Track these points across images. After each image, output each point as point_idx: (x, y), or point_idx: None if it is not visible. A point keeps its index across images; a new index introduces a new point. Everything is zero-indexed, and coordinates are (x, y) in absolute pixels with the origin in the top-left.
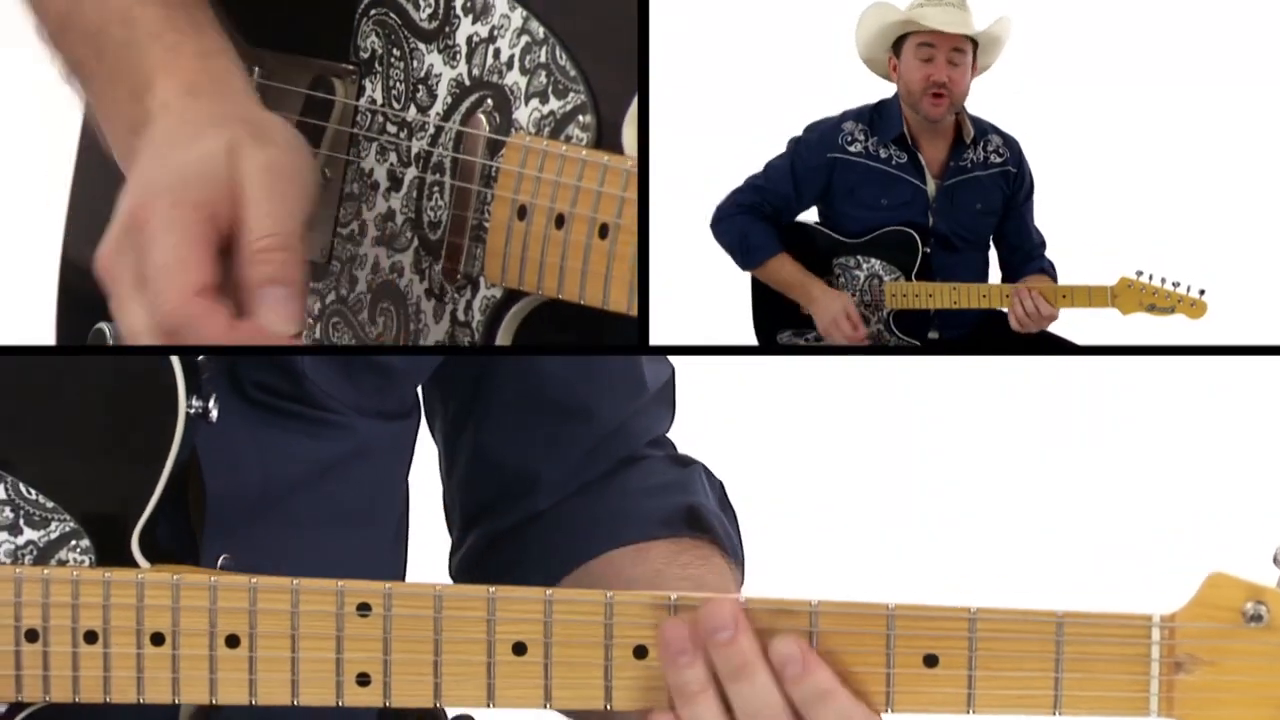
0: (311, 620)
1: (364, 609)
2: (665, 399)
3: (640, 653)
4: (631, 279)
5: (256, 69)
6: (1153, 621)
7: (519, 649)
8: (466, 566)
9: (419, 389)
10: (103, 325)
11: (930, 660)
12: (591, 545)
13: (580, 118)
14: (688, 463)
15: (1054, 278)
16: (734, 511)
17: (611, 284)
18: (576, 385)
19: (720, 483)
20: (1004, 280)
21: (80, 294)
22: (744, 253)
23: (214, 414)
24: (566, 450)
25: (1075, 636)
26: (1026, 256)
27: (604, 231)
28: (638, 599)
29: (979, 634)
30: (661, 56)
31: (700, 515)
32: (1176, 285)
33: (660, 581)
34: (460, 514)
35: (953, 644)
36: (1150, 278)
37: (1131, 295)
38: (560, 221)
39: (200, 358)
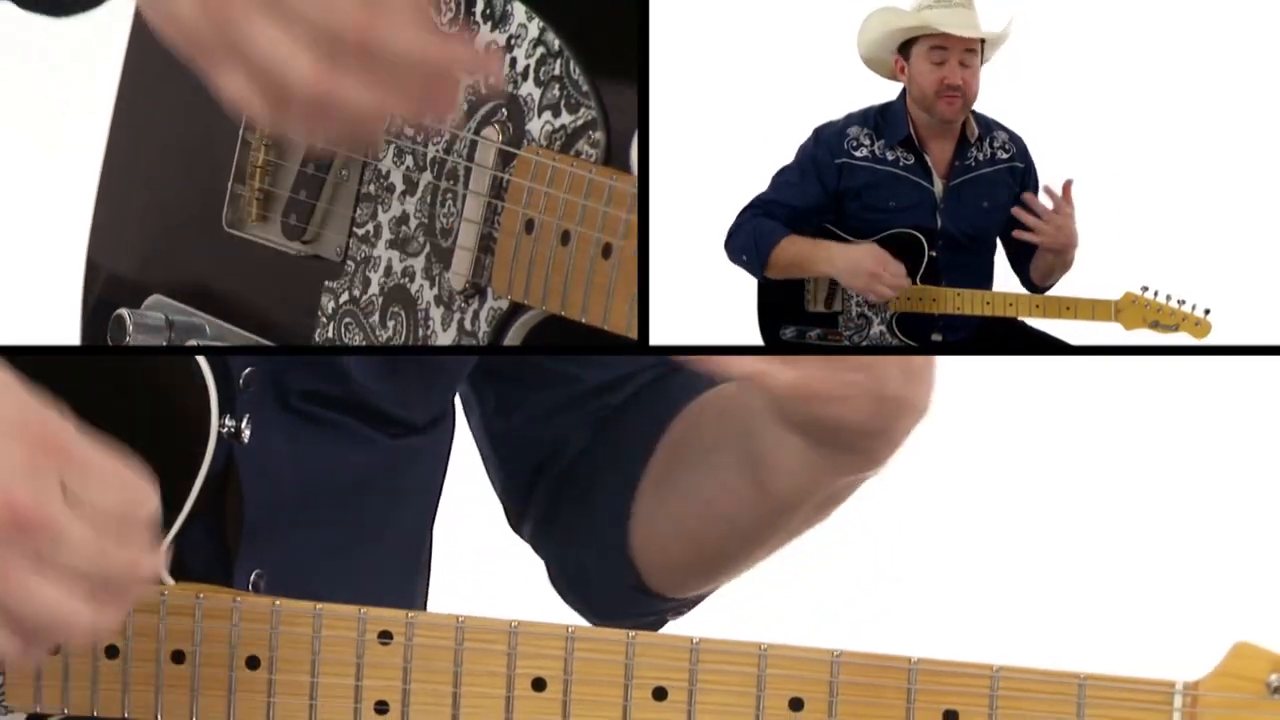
0: (332, 646)
1: (385, 637)
2: None
3: (660, 694)
4: (632, 299)
5: None
6: (1175, 689)
7: (538, 684)
8: (550, 495)
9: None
10: (123, 311)
11: (950, 716)
12: (676, 404)
13: (590, 134)
14: None
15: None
16: None
17: (613, 303)
18: None
19: None
20: (1017, 269)
21: (104, 294)
22: (755, 249)
23: (246, 434)
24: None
25: (1096, 700)
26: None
27: (607, 251)
28: (660, 640)
29: (1000, 692)
30: (664, 56)
31: None
32: (1182, 303)
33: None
34: (527, 466)
35: (974, 701)
36: (1155, 294)
37: (1135, 311)
38: (566, 238)
39: (248, 370)
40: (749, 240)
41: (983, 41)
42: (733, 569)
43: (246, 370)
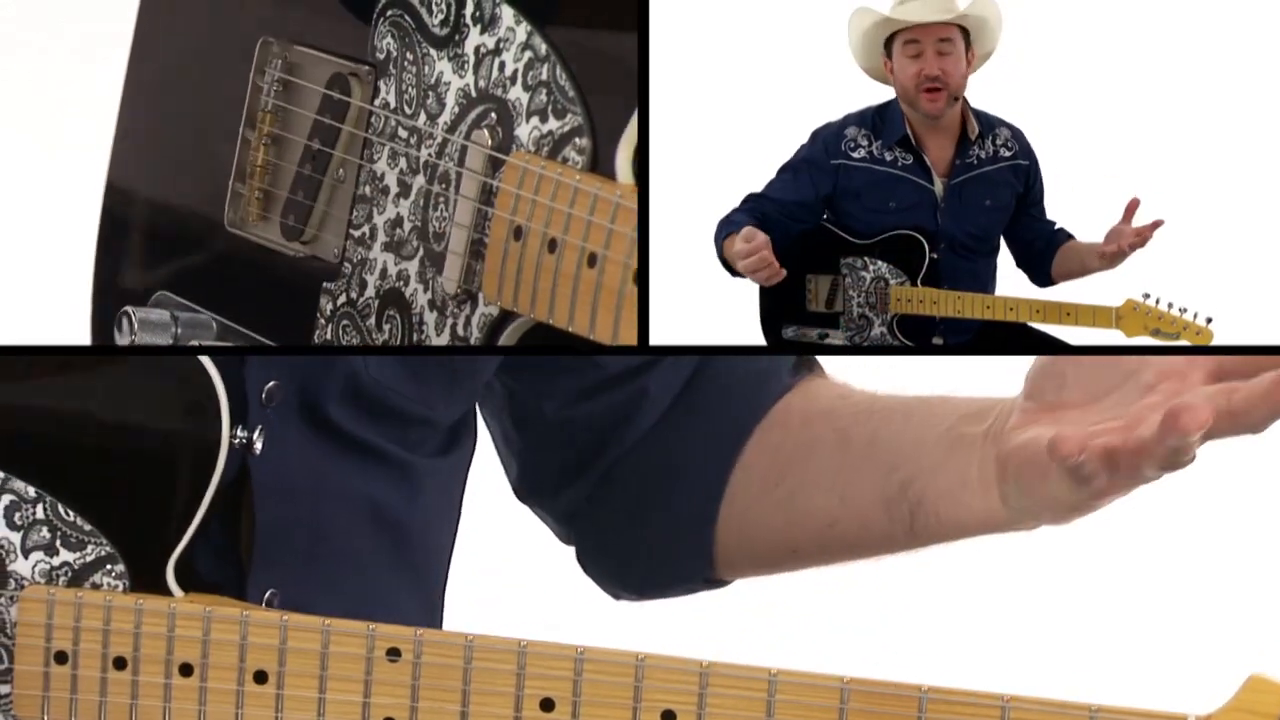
0: (340, 661)
1: (394, 654)
2: None
3: (668, 717)
4: (617, 310)
5: (279, 62)
6: None
7: (546, 705)
8: (595, 503)
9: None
10: (128, 308)
11: None
12: (747, 420)
13: (577, 140)
14: None
15: None
16: None
17: (598, 313)
18: None
19: None
20: (1026, 266)
21: (109, 291)
22: (717, 240)
23: (259, 446)
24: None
25: None
26: (1048, 242)
27: (592, 261)
28: (669, 663)
29: None
30: (663, 55)
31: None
32: (1183, 311)
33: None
34: (561, 446)
35: None
36: (1157, 301)
37: (1136, 318)
38: (553, 246)
39: (271, 384)
40: (719, 231)
41: (967, 33)
42: (812, 568)
43: (270, 384)
